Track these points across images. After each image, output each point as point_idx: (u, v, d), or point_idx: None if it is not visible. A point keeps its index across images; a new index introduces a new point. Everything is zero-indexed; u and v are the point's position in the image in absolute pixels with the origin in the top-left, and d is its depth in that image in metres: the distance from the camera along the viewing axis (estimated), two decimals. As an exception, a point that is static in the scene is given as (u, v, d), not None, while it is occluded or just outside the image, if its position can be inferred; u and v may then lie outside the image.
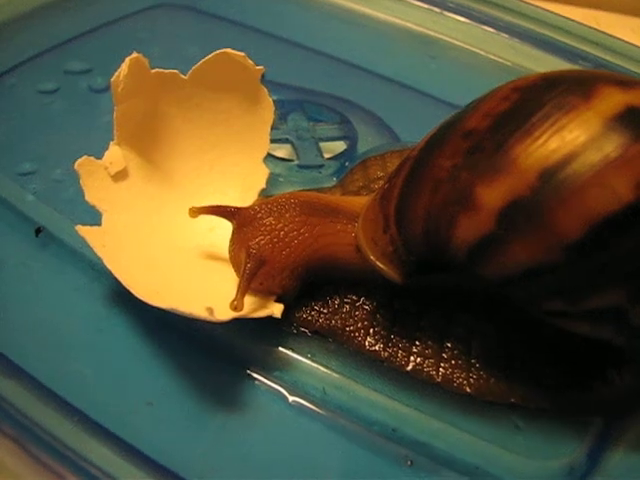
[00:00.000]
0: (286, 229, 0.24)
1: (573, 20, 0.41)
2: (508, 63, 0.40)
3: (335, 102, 0.34)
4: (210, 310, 0.22)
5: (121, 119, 0.26)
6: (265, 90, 0.28)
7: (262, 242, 0.24)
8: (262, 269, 0.23)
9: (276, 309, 0.24)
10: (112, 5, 0.40)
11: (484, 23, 0.41)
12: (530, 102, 0.21)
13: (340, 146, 0.32)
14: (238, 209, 0.25)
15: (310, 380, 0.24)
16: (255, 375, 0.24)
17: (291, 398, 0.24)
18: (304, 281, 0.24)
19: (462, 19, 0.41)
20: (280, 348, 0.25)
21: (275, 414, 0.23)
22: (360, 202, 0.25)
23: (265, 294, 0.24)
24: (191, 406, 0.23)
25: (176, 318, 0.23)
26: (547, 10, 0.41)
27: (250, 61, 0.27)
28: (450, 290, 0.24)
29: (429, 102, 0.35)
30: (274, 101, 0.28)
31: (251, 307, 0.24)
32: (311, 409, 0.23)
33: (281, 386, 0.24)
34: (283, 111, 0.33)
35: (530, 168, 0.20)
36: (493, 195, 0.20)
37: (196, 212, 0.25)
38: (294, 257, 0.24)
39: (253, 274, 0.23)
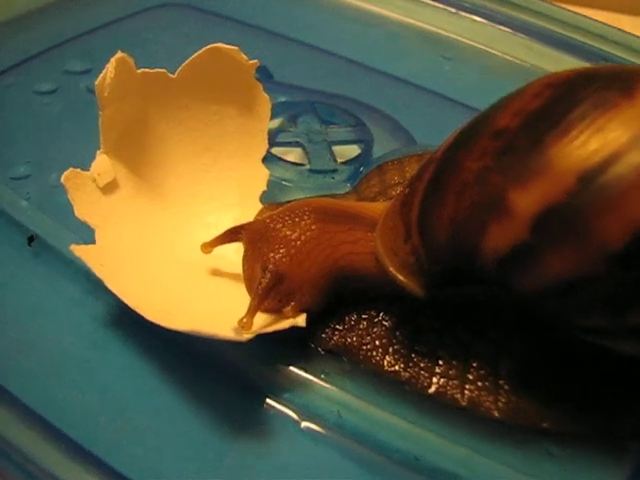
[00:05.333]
0: (303, 238, 0.22)
1: (592, 19, 0.39)
2: (526, 64, 0.38)
3: (348, 104, 0.32)
4: (237, 330, 0.20)
5: (107, 125, 0.24)
6: (260, 86, 0.26)
7: (278, 256, 0.22)
8: (280, 286, 0.21)
9: (300, 318, 0.22)
10: (115, 4, 0.39)
11: (501, 23, 0.39)
12: (565, 99, 0.19)
13: (354, 150, 0.30)
14: (244, 225, 0.23)
15: (323, 403, 0.22)
16: (263, 397, 0.22)
17: (303, 422, 0.22)
18: (327, 296, 0.22)
19: (478, 19, 0.39)
20: (291, 368, 0.22)
21: (285, 440, 0.21)
22: (379, 208, 0.23)
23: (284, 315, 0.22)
24: (193, 430, 0.21)
25: (177, 335, 0.22)
26: (566, 9, 0.40)
27: (243, 55, 0.25)
28: (476, 305, 0.22)
29: (445, 104, 0.34)
30: (283, 102, 0.26)
31: (272, 319, 0.22)
32: (324, 435, 0.21)
33: (291, 409, 0.22)
34: (293, 113, 0.31)
35: (568, 171, 0.18)
36: (527, 200, 0.18)
37: (208, 247, 0.24)
38: (315, 270, 0.22)
39: (268, 291, 0.21)
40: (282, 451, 0.21)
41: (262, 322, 0.22)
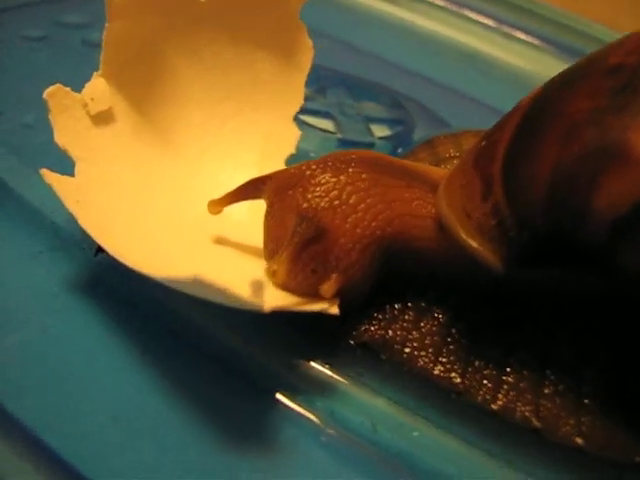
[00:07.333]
0: (349, 189, 0.17)
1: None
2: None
3: (385, 89, 0.28)
4: (257, 287, 0.15)
5: (112, 43, 0.20)
6: (305, 28, 0.21)
7: (320, 204, 0.17)
8: (318, 245, 0.16)
9: (333, 305, 0.17)
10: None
11: (548, 43, 0.36)
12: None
13: (387, 132, 0.26)
14: (270, 175, 0.18)
15: (354, 411, 0.17)
16: (275, 399, 0.17)
17: (325, 434, 0.16)
18: (377, 270, 0.17)
19: (517, 35, 0.37)
20: (312, 363, 0.17)
21: (302, 455, 0.16)
22: (440, 172, 0.18)
23: (317, 293, 0.17)
24: (182, 435, 0.16)
25: (165, 307, 0.17)
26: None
27: None
28: (559, 296, 0.18)
29: (488, 111, 0.30)
30: (310, 73, 0.22)
31: (299, 299, 0.17)
32: (353, 452, 0.16)
33: (311, 417, 0.17)
34: (322, 84, 0.27)
35: None
36: (656, 144, 0.14)
37: (218, 206, 0.19)
38: (362, 229, 0.17)
39: (308, 238, 0.16)
40: (296, 469, 0.16)
41: (285, 297, 0.17)
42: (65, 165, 0.19)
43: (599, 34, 0.36)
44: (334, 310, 0.17)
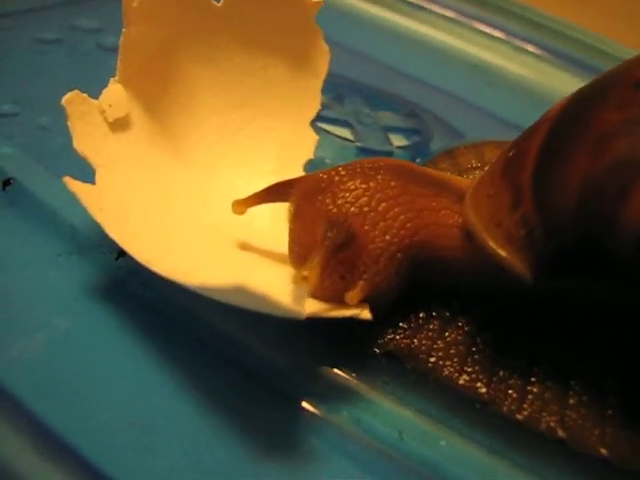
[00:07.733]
0: (379, 196, 0.17)
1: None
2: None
3: (400, 99, 0.28)
4: (297, 294, 0.15)
5: (129, 49, 0.20)
6: (321, 33, 0.21)
7: (350, 210, 0.16)
8: (346, 252, 0.16)
9: (365, 308, 0.17)
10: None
11: (559, 57, 0.37)
12: None
13: (404, 142, 0.26)
14: (296, 179, 0.18)
15: (380, 420, 0.17)
16: (300, 408, 0.17)
17: (350, 443, 0.16)
18: (404, 279, 0.17)
19: (529, 48, 0.37)
20: (337, 371, 0.17)
21: (328, 463, 0.16)
22: (465, 182, 0.18)
23: (344, 299, 0.17)
24: (201, 438, 0.15)
25: (191, 315, 0.17)
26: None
27: None
28: (589, 303, 0.18)
29: (498, 122, 0.30)
30: (326, 81, 0.22)
31: (330, 305, 0.17)
32: (380, 461, 0.16)
33: (336, 426, 0.16)
34: (339, 92, 0.27)
35: None
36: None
37: (242, 206, 0.18)
38: (391, 236, 0.16)
39: (338, 244, 0.16)
40: (322, 478, 0.15)
41: (316, 304, 0.17)
42: (83, 168, 0.19)
43: (608, 48, 0.36)
44: (366, 315, 0.17)
